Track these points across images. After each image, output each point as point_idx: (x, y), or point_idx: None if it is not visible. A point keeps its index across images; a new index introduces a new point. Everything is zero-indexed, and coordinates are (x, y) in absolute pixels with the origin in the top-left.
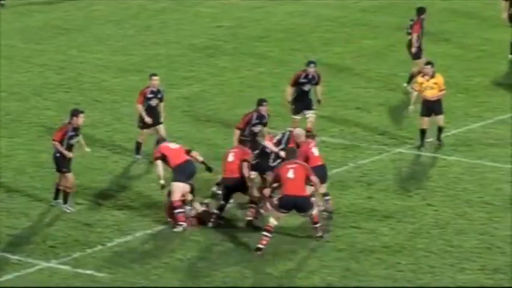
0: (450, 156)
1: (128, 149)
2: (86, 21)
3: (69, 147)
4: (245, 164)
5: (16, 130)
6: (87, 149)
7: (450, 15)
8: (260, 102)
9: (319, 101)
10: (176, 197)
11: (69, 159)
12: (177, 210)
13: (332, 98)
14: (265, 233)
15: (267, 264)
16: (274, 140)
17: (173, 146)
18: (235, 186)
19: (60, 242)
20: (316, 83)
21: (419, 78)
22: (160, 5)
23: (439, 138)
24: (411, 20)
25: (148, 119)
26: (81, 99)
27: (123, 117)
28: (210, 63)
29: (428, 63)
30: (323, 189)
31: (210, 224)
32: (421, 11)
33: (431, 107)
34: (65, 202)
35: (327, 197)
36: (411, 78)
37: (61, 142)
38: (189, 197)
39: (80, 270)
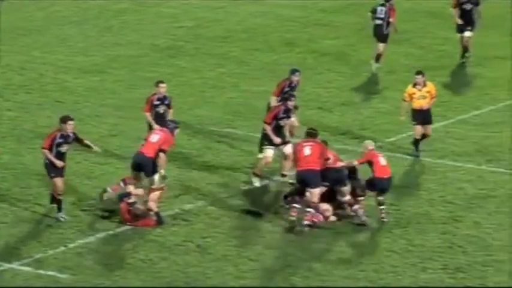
0: (412, 156)
1: (90, 150)
2: (47, 22)
3: (59, 155)
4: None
5: None
6: (96, 148)
7: (412, 15)
8: (288, 97)
9: (296, 107)
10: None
11: (57, 167)
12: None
13: None
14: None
15: (230, 264)
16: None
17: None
18: (311, 180)
19: (22, 243)
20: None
21: (410, 89)
22: (120, 6)
23: (417, 148)
24: (381, 5)
25: (157, 127)
26: (43, 100)
27: (84, 118)
28: (171, 63)
29: (418, 72)
30: (380, 197)
31: (303, 224)
32: None
33: (423, 116)
34: (59, 210)
35: (382, 207)
36: (378, 57)
37: (50, 149)
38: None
39: (42, 272)
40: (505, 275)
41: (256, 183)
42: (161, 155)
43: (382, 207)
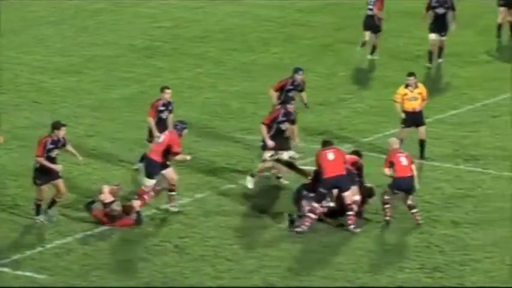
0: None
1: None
2: (23, 22)
3: (50, 160)
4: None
5: None
6: (80, 158)
7: (388, 15)
8: (287, 100)
9: (306, 106)
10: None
11: (48, 172)
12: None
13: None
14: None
15: (207, 264)
16: None
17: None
18: (343, 184)
19: None
20: (301, 90)
21: (402, 90)
22: (97, 6)
23: (422, 155)
24: None
25: (158, 134)
26: (20, 101)
27: (61, 119)
28: (148, 64)
29: (410, 74)
30: (410, 201)
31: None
32: None
33: (415, 118)
34: (37, 214)
35: (414, 210)
36: (374, 49)
37: (43, 156)
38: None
39: (19, 272)
40: (482, 275)
41: (250, 184)
42: (177, 157)
43: (414, 210)
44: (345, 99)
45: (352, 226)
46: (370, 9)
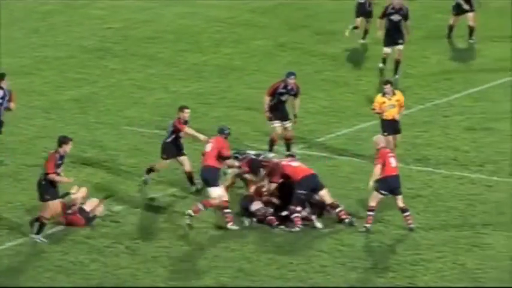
0: (341, 156)
1: (18, 152)
2: None
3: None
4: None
5: None
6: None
7: (339, 15)
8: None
9: (295, 116)
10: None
11: (56, 188)
12: (226, 211)
13: (223, 98)
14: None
15: (159, 265)
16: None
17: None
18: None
19: None
20: (295, 95)
21: (380, 98)
22: (48, 7)
23: None
24: None
25: (204, 137)
26: None
27: (13, 120)
28: (100, 65)
29: (386, 82)
30: (401, 203)
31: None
32: None
33: (395, 126)
34: (38, 232)
35: (406, 213)
36: (365, 33)
37: (54, 173)
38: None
39: None
40: (434, 274)
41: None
42: (227, 162)
43: (406, 213)
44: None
45: (347, 220)
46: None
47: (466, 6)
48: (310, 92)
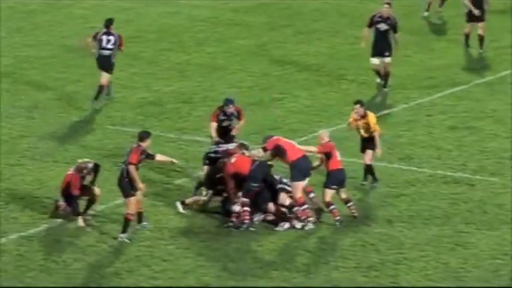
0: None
1: (1, 151)
2: None
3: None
4: None
5: None
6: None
7: (322, 14)
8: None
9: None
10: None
11: (133, 182)
12: (303, 207)
13: (205, 97)
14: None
15: (142, 264)
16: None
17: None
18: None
19: None
20: (238, 117)
21: (354, 115)
22: (30, 7)
23: (366, 178)
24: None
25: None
26: None
27: None
28: (82, 64)
29: (357, 102)
30: (344, 194)
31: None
32: None
33: (369, 143)
34: (124, 231)
35: (350, 203)
36: None
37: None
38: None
39: None
40: (417, 273)
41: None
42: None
43: (350, 203)
44: (279, 98)
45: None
46: None
47: (476, 12)
48: (293, 91)
